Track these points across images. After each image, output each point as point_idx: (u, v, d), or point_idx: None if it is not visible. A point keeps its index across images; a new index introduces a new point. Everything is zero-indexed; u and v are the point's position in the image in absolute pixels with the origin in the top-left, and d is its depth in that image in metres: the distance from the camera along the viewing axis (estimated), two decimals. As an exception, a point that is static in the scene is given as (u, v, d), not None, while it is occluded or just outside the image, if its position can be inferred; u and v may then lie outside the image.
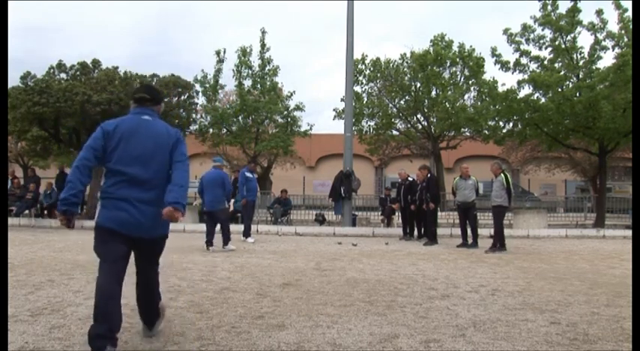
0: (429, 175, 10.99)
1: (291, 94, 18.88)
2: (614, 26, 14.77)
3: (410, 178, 11.94)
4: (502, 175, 9.26)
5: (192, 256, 7.56)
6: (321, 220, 15.55)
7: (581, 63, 15.16)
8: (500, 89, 16.35)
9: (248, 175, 10.63)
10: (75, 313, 3.79)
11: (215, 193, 8.98)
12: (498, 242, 9.02)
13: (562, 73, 15.09)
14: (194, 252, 8.20)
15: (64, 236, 10.55)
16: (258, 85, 18.69)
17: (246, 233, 10.57)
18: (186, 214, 14.37)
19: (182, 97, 20.67)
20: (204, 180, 9.21)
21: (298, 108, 18.74)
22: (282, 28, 65.23)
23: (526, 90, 15.58)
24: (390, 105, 21.27)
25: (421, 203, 10.86)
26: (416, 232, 11.52)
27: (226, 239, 8.88)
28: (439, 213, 12.11)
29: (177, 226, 13.50)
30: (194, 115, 21.30)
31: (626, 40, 14.10)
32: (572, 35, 15.06)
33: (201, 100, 20.20)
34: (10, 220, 13.26)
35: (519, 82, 15.53)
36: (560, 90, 14.80)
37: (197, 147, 23.83)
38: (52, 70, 17.93)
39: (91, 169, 2.89)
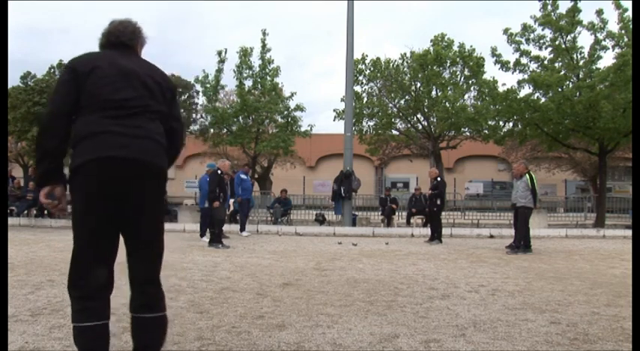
0: (439, 179, 10.87)
1: (292, 95, 18.88)
2: (614, 26, 14.81)
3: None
4: (527, 175, 9.01)
5: (192, 256, 7.56)
6: (321, 220, 15.56)
7: (581, 63, 15.17)
8: (501, 89, 16.37)
9: (243, 176, 11.73)
10: (75, 313, 3.79)
11: (202, 194, 10.51)
12: (522, 243, 8.79)
13: (562, 73, 15.11)
14: (194, 252, 8.20)
15: (64, 236, 10.54)
16: (259, 86, 18.67)
17: (242, 228, 11.83)
18: (186, 213, 14.48)
19: (182, 97, 20.70)
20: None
21: (299, 108, 18.72)
22: (282, 29, 65.29)
23: (526, 90, 15.63)
24: (390, 105, 21.26)
25: (432, 206, 10.88)
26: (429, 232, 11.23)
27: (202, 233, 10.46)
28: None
29: (177, 226, 13.51)
30: (194, 115, 21.33)
31: (626, 40, 14.10)
32: (572, 35, 15.07)
33: (201, 100, 20.23)
34: (10, 220, 13.26)
35: (519, 82, 15.56)
36: (560, 90, 14.80)
37: (198, 147, 23.87)
38: (52, 70, 17.95)
39: None
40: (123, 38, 2.43)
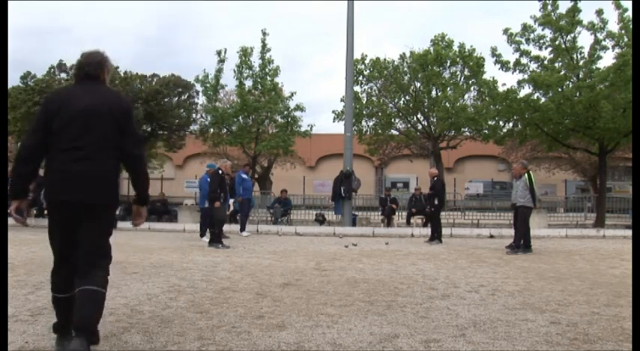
0: (435, 179, 10.85)
1: (292, 95, 18.87)
2: (614, 26, 14.78)
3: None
4: (526, 175, 9.03)
5: (192, 256, 7.56)
6: (321, 220, 15.56)
7: (581, 63, 15.15)
8: (501, 89, 16.35)
9: (244, 176, 11.68)
10: (75, 313, 3.78)
11: (202, 194, 10.48)
12: (522, 243, 8.78)
13: (562, 73, 15.09)
14: (194, 252, 8.20)
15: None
16: (259, 86, 18.65)
17: (242, 228, 11.78)
18: (186, 213, 14.48)
19: (182, 97, 20.67)
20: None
21: (298, 108, 18.71)
22: (282, 29, 65.29)
23: (526, 90, 15.59)
24: (390, 105, 21.24)
25: (431, 206, 10.89)
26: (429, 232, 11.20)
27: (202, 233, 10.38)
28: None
29: (177, 226, 13.50)
30: (194, 115, 21.29)
31: (626, 40, 14.09)
32: (572, 35, 15.05)
33: (201, 100, 20.19)
34: (11, 220, 13.23)
35: (519, 82, 15.53)
36: (560, 90, 14.79)
37: (197, 147, 23.86)
38: (52, 70, 17.95)
39: None
40: (88, 69, 2.91)
